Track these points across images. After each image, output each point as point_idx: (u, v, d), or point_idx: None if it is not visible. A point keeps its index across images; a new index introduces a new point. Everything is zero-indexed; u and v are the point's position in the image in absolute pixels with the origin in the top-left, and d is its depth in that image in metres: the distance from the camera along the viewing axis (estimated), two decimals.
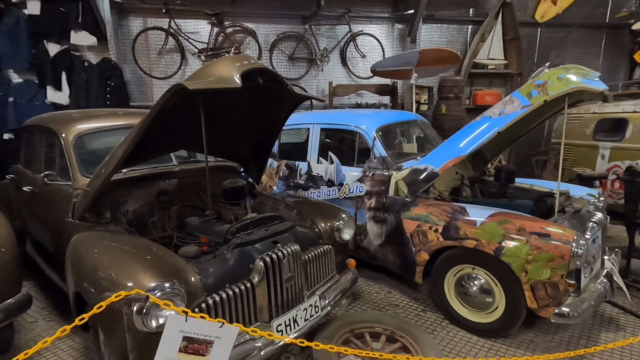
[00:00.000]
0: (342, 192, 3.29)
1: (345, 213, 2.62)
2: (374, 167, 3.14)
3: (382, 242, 3.03)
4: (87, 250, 1.91)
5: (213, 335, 1.07)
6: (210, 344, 1.06)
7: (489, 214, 2.42)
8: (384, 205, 3.00)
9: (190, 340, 1.05)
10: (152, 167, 2.65)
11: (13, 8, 5.04)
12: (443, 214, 2.59)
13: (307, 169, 3.59)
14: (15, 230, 3.49)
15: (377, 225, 3.05)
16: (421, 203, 2.78)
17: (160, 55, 5.40)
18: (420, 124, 3.62)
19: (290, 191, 3.70)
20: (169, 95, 1.67)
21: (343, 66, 6.07)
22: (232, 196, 2.53)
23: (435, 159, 2.79)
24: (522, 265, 2.18)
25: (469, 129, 2.69)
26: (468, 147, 2.61)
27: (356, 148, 3.27)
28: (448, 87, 5.54)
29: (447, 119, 5.56)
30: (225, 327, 1.09)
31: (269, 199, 2.92)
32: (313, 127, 3.60)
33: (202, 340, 1.05)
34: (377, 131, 3.18)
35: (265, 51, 5.75)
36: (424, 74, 5.23)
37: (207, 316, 1.16)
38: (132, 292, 1.27)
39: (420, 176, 2.81)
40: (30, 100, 5.28)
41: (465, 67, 5.99)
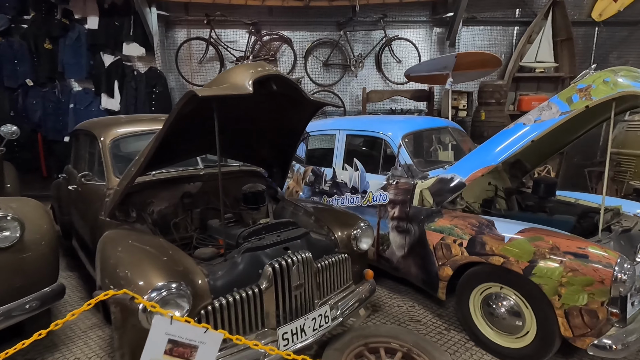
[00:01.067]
0: (366, 199, 3.21)
1: (364, 222, 2.55)
2: (399, 175, 3.03)
3: (405, 254, 2.91)
4: (111, 247, 2.02)
5: (198, 340, 1.07)
6: (195, 349, 1.07)
7: (519, 229, 2.23)
8: (407, 215, 2.88)
9: (175, 343, 1.06)
10: (179, 170, 2.78)
11: (76, 24, 5.59)
12: (468, 227, 2.43)
13: (332, 175, 3.56)
14: (64, 225, 3.87)
15: (400, 235, 2.94)
16: (446, 214, 2.63)
17: (201, 64, 5.68)
18: (452, 131, 3.45)
19: (316, 197, 3.69)
20: (183, 102, 1.73)
21: (378, 72, 5.98)
22: (252, 200, 2.57)
23: (463, 168, 2.63)
24: (555, 288, 1.97)
25: (500, 137, 2.50)
26: (499, 156, 2.43)
27: (381, 155, 3.19)
28: (489, 92, 5.24)
29: (487, 126, 5.25)
30: (209, 332, 1.09)
31: (290, 205, 2.93)
32: (339, 133, 3.56)
33: (187, 345, 1.07)
34: (403, 138, 3.07)
35: (300, 58, 5.83)
36: (461, 78, 5.00)
37: (192, 320, 1.18)
38: (120, 292, 1.32)
39: (446, 186, 2.67)
40: (87, 106, 5.81)
41: (510, 70, 5.63)
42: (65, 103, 5.76)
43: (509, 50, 5.91)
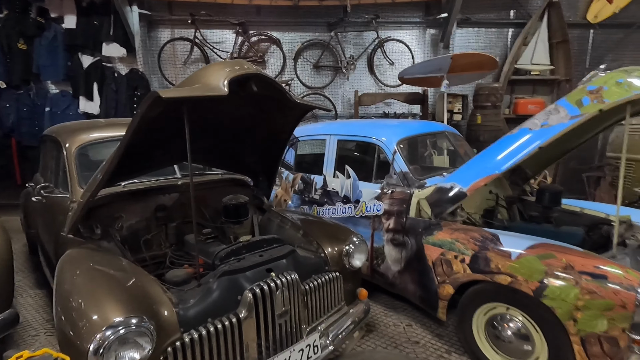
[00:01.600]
0: (359, 210, 2.99)
1: (357, 236, 2.33)
2: (394, 183, 2.82)
3: (401, 269, 2.69)
4: (68, 270, 1.76)
5: None
6: None
7: (527, 245, 2.03)
8: (403, 227, 2.66)
9: None
10: (154, 179, 2.53)
11: (52, 23, 5.29)
12: (471, 242, 2.22)
13: (323, 184, 3.34)
14: (31, 238, 3.57)
15: (396, 249, 2.72)
16: (446, 227, 2.42)
17: (185, 66, 5.42)
18: (449, 135, 3.26)
19: (305, 207, 3.46)
20: (147, 104, 1.49)
21: (370, 74, 5.79)
22: (233, 213, 2.33)
23: (464, 177, 2.42)
24: (570, 312, 1.77)
25: (504, 143, 2.31)
26: (503, 163, 2.23)
27: (375, 162, 2.97)
28: (485, 95, 5.09)
29: (483, 130, 5.09)
30: None
31: (277, 216, 2.69)
32: (330, 138, 3.35)
33: None
34: (398, 144, 2.86)
35: (289, 60, 5.62)
36: (456, 81, 4.83)
37: None
38: (39, 353, 1.08)
39: (445, 196, 2.46)
40: (65, 109, 5.50)
41: (505, 73, 5.49)
42: (40, 106, 5.45)
43: (504, 52, 5.78)
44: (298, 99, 1.88)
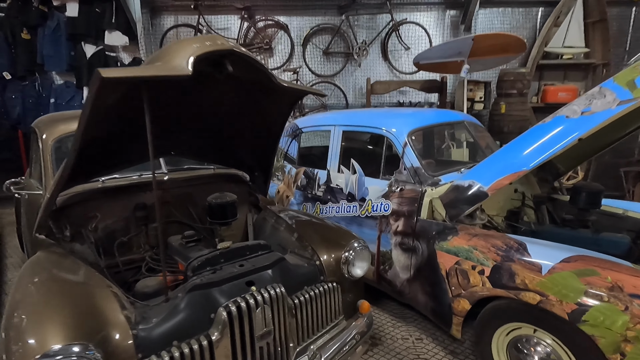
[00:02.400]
0: (364, 209, 2.69)
1: (358, 241, 2.04)
2: (404, 180, 2.50)
3: (411, 277, 2.39)
4: (26, 277, 1.56)
5: None
6: None
7: (562, 257, 1.68)
8: (414, 230, 2.35)
9: None
10: (137, 174, 2.31)
11: (55, 12, 5.16)
12: (492, 251, 1.89)
13: (326, 179, 3.04)
14: (19, 236, 3.45)
15: (405, 254, 2.41)
16: (463, 231, 2.10)
17: None
18: (469, 125, 2.89)
19: (308, 204, 3.18)
20: (95, 88, 1.23)
21: (384, 60, 5.41)
22: (218, 214, 2.07)
23: (485, 173, 2.08)
24: (617, 344, 1.43)
25: (534, 134, 1.95)
26: (533, 158, 1.88)
27: (383, 156, 2.65)
28: (510, 82, 4.63)
29: (508, 120, 4.65)
30: None
31: (272, 216, 2.43)
32: (334, 129, 3.04)
33: None
34: (409, 135, 2.53)
35: (298, 46, 5.30)
36: (478, 66, 4.40)
37: None
38: None
39: (462, 195, 2.12)
40: (69, 101, 5.40)
41: (534, 57, 5.00)
42: (46, 97, 5.36)
43: (532, 34, 5.26)
44: (285, 83, 1.58)
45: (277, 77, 1.55)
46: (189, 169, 2.59)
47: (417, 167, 2.43)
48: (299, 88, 1.64)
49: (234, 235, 2.61)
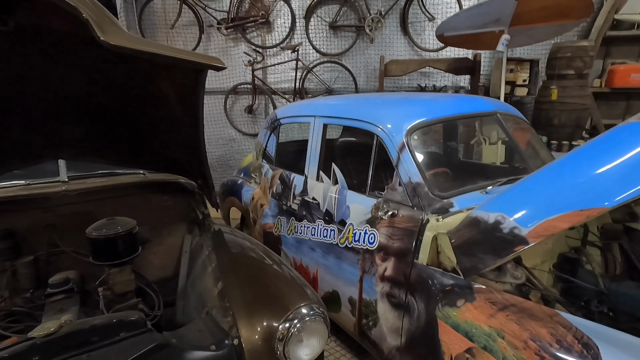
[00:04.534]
0: (344, 236, 1.91)
1: (311, 306, 1.29)
2: (398, 201, 1.68)
3: (402, 347, 1.60)
4: None
5: None
6: None
7: None
8: (407, 278, 1.56)
9: None
10: (24, 184, 1.68)
11: None
12: (532, 348, 1.07)
13: (302, 188, 2.28)
14: None
15: (394, 312, 1.63)
16: (481, 296, 1.28)
17: (173, 29, 4.53)
18: (504, 118, 1.98)
19: (283, 218, 2.45)
20: None
21: (403, 35, 4.46)
22: (104, 252, 1.39)
23: (525, 204, 1.23)
24: None
25: (626, 140, 1.07)
26: (623, 189, 1.01)
27: (372, 163, 1.84)
28: (565, 60, 3.56)
29: (560, 110, 3.60)
30: None
31: (208, 246, 1.72)
32: (314, 121, 2.25)
33: None
34: (409, 134, 1.70)
35: (299, 19, 4.48)
36: (524, 38, 3.37)
37: None
38: None
39: (484, 238, 1.29)
40: None
41: (599, 27, 3.85)
42: None
43: None
44: (123, 40, 0.81)
45: (102, 27, 0.79)
46: (105, 175, 1.93)
47: (417, 182, 1.61)
48: (136, 48, 0.84)
49: (162, 268, 1.94)
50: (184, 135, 1.50)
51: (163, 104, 1.31)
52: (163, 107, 1.34)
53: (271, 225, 2.56)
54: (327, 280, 2.07)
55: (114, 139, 1.66)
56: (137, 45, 0.81)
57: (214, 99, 4.77)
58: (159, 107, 1.35)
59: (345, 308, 1.96)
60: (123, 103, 1.37)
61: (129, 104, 1.37)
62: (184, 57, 0.91)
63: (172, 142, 1.63)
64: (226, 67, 1.11)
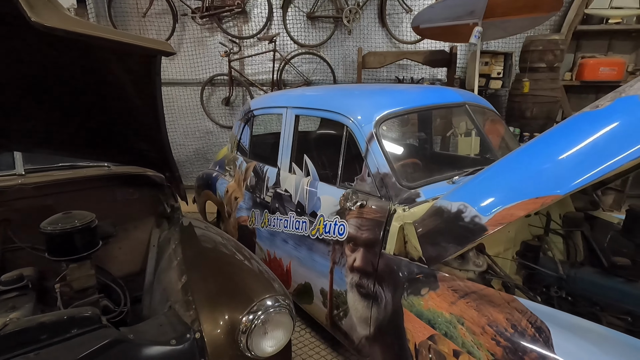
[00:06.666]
0: (315, 228, 1.90)
1: (275, 297, 1.28)
2: (366, 191, 1.69)
3: (371, 336, 1.62)
4: None
5: None
6: None
7: None
8: (375, 268, 1.56)
9: None
10: None
11: None
12: (489, 333, 1.09)
13: (275, 180, 2.26)
14: None
15: (363, 302, 1.64)
16: (444, 284, 1.29)
17: (145, 18, 4.37)
18: (473, 110, 2.01)
19: (257, 211, 2.42)
20: None
21: (381, 27, 4.45)
22: (60, 247, 1.34)
23: (485, 193, 1.25)
24: None
25: (578, 129, 1.09)
26: (573, 176, 1.03)
27: (342, 154, 1.84)
28: (537, 53, 3.63)
29: (532, 102, 3.69)
30: None
31: (175, 239, 1.69)
32: (286, 112, 2.22)
33: None
34: (377, 124, 1.70)
35: (277, 9, 4.40)
36: (498, 31, 3.42)
37: None
38: None
39: (447, 227, 1.31)
40: None
41: (570, 21, 3.95)
42: None
43: None
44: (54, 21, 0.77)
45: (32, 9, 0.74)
46: (67, 168, 1.86)
47: (384, 173, 1.61)
48: (70, 30, 0.79)
49: (129, 262, 1.89)
50: (145, 126, 1.46)
51: (119, 94, 1.26)
52: (119, 97, 1.28)
53: (245, 218, 2.53)
54: (300, 272, 2.06)
55: (74, 130, 1.59)
56: (75, 27, 0.77)
57: (190, 91, 4.66)
58: (115, 97, 1.30)
59: (317, 299, 1.96)
60: (77, 92, 1.31)
61: (84, 94, 1.31)
62: (130, 41, 0.87)
63: (134, 133, 1.58)
64: (175, 52, 1.06)
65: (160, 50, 0.93)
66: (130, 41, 0.86)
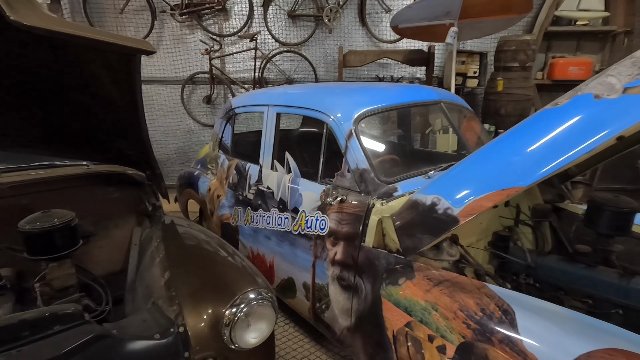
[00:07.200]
0: (297, 223, 1.94)
1: (258, 290, 1.31)
2: (346, 187, 1.74)
3: (352, 326, 1.67)
4: None
5: None
6: None
7: (576, 353, 0.94)
8: (355, 261, 1.62)
9: None
10: None
11: None
12: (460, 317, 1.16)
13: (257, 178, 2.29)
14: None
15: (344, 293, 1.69)
16: (420, 274, 1.36)
17: (122, 14, 4.29)
18: (448, 107, 2.09)
19: (240, 208, 2.44)
20: None
21: (362, 26, 4.52)
22: (39, 246, 1.33)
23: (457, 187, 1.32)
24: None
25: (539, 125, 1.17)
26: (535, 168, 1.11)
27: (322, 150, 1.88)
28: (511, 53, 3.77)
29: (506, 100, 3.83)
30: None
31: (157, 237, 1.69)
32: (268, 110, 2.25)
33: None
34: (356, 121, 1.75)
35: (257, 7, 4.40)
36: (473, 32, 3.54)
37: None
38: None
39: (422, 219, 1.37)
40: None
41: (541, 22, 4.12)
42: None
43: None
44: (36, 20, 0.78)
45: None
46: (44, 167, 1.83)
47: (363, 169, 1.67)
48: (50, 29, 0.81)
49: (110, 262, 1.88)
50: (125, 124, 1.46)
51: (98, 92, 1.26)
52: (99, 95, 1.29)
53: (228, 216, 2.55)
54: (283, 267, 2.10)
55: (53, 129, 1.57)
56: (54, 26, 0.78)
57: (170, 89, 4.60)
58: (94, 95, 1.30)
59: (300, 293, 2.00)
60: (56, 91, 1.30)
61: (63, 92, 1.31)
62: (110, 40, 0.88)
63: (114, 132, 1.58)
64: (155, 51, 1.08)
65: (140, 49, 0.94)
66: (110, 40, 0.88)
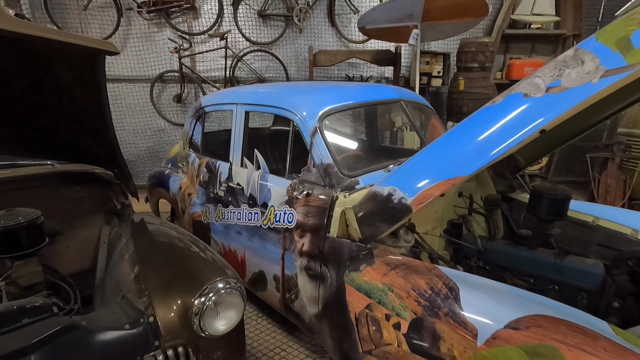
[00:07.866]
0: (266, 218, 2.01)
1: (227, 280, 1.37)
2: (312, 181, 1.83)
3: (319, 313, 1.77)
4: None
5: None
6: None
7: (508, 319, 1.08)
8: (321, 251, 1.71)
9: None
10: None
11: None
12: (412, 296, 1.27)
13: (227, 175, 2.33)
14: None
15: (312, 283, 1.78)
16: (380, 259, 1.47)
17: (86, 11, 4.18)
18: (407, 105, 2.22)
19: (211, 205, 2.47)
20: None
21: (331, 26, 4.62)
22: (3, 244, 1.34)
23: (410, 178, 1.43)
24: None
25: (479, 121, 1.30)
26: (474, 160, 1.24)
27: (289, 146, 1.96)
28: (471, 54, 3.99)
29: (467, 99, 4.05)
30: None
31: (127, 234, 1.72)
32: (237, 108, 2.30)
33: None
34: (321, 119, 1.84)
35: (227, 6, 4.41)
36: (436, 34, 3.72)
37: None
38: None
39: (380, 209, 1.48)
40: None
41: (499, 26, 4.37)
42: None
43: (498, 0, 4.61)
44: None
45: None
46: (6, 167, 1.80)
47: (327, 163, 1.76)
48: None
49: (78, 260, 1.88)
50: (91, 123, 1.48)
51: (63, 92, 1.28)
52: (63, 95, 1.30)
53: (200, 213, 2.58)
54: (254, 261, 2.16)
55: (15, 129, 1.56)
56: (17, 27, 0.81)
57: (139, 87, 4.53)
58: (59, 95, 1.31)
59: (271, 286, 2.08)
60: (19, 91, 1.31)
61: (26, 93, 1.31)
62: (73, 41, 0.92)
63: (80, 131, 1.58)
64: (119, 52, 1.12)
65: (104, 49, 0.98)
66: (73, 41, 0.91)
